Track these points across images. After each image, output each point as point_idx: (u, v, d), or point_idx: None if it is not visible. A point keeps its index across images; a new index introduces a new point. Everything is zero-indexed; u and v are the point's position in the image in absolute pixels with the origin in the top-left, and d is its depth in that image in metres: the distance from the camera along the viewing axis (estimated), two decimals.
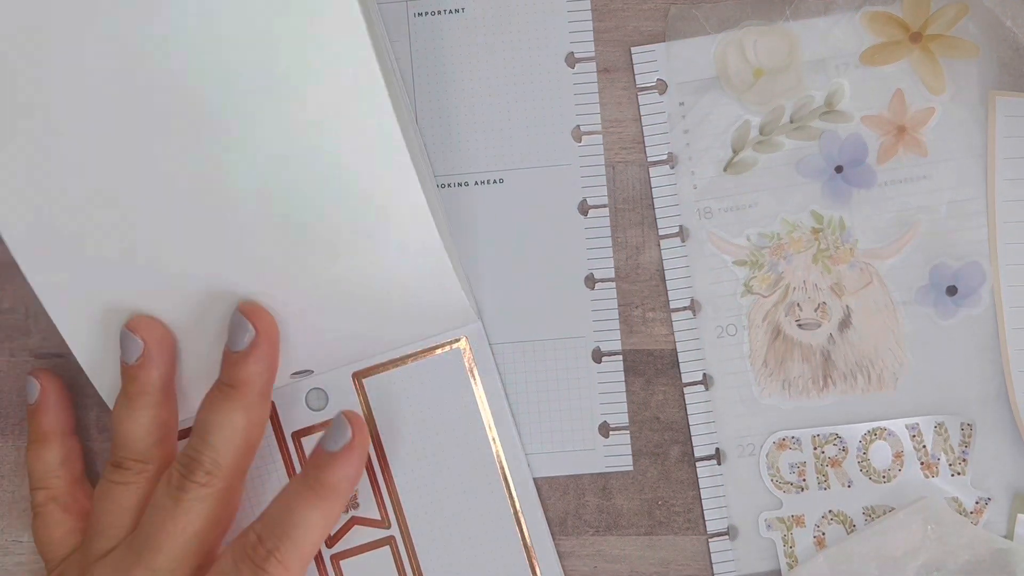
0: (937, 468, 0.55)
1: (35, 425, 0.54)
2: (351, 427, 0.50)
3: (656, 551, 0.56)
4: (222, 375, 0.50)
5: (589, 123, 0.57)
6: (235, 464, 0.50)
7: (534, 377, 0.56)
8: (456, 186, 0.57)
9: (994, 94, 0.54)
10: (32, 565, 0.57)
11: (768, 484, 0.55)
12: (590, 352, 0.56)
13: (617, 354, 0.56)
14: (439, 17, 0.57)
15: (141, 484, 0.50)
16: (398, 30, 0.57)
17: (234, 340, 0.50)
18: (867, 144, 0.55)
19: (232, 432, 0.49)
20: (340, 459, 0.49)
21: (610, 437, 0.56)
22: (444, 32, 0.57)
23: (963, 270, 0.55)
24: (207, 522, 0.49)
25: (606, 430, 0.56)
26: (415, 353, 0.55)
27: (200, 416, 0.50)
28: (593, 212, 0.56)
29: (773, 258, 0.56)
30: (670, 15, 0.56)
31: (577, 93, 0.57)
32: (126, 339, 0.51)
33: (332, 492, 0.49)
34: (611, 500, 0.56)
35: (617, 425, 0.56)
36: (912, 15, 0.55)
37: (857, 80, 0.55)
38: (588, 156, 0.57)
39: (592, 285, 0.56)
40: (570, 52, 0.57)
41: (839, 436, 0.55)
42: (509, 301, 0.56)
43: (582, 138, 0.57)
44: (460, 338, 0.55)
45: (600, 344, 0.56)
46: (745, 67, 0.56)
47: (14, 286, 0.57)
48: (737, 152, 0.56)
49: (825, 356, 0.55)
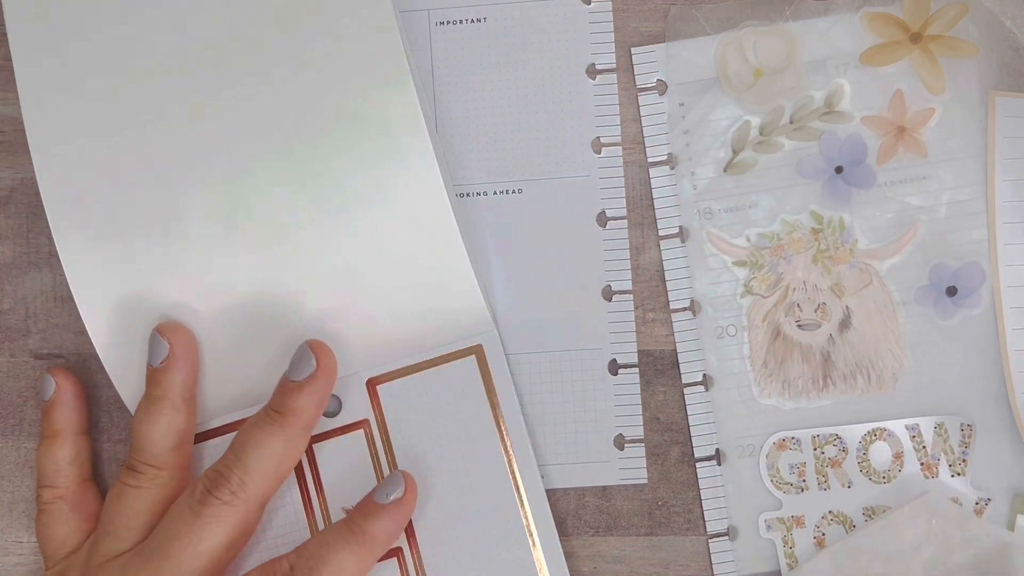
0: (937, 468, 0.55)
1: (48, 422, 0.54)
2: (404, 485, 0.51)
3: (656, 552, 0.56)
4: (272, 401, 0.50)
5: (609, 135, 0.57)
6: (261, 489, 0.49)
7: (550, 388, 0.56)
8: (476, 195, 0.57)
9: (994, 94, 0.54)
10: (32, 565, 0.57)
11: (768, 485, 0.55)
12: (607, 364, 0.56)
13: (634, 366, 0.56)
14: (461, 26, 0.57)
15: (153, 489, 0.50)
16: (420, 39, 0.57)
17: (295, 370, 0.50)
18: (867, 144, 0.55)
19: (267, 457, 0.49)
20: (387, 512, 0.50)
21: (625, 450, 0.56)
22: (465, 41, 0.57)
23: (963, 270, 0.55)
24: (221, 542, 0.49)
25: (621, 442, 0.56)
26: (430, 360, 0.54)
27: (239, 436, 0.50)
28: (612, 224, 0.56)
29: (773, 258, 0.56)
30: (670, 16, 0.56)
31: (598, 105, 0.57)
32: (154, 342, 0.51)
33: (372, 541, 0.50)
34: (611, 501, 0.56)
35: (633, 437, 0.56)
36: (912, 15, 0.55)
37: (857, 80, 0.55)
38: (607, 168, 0.56)
39: (609, 297, 0.56)
40: (591, 63, 0.57)
41: (839, 436, 0.55)
42: (526, 311, 0.56)
43: (602, 150, 0.57)
44: (476, 345, 0.54)
45: (617, 356, 0.56)
46: (745, 67, 0.56)
47: (14, 286, 0.57)
48: (737, 153, 0.56)
49: (825, 356, 0.55)
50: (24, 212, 0.57)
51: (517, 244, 0.56)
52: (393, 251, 0.52)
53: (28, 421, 0.57)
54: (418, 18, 0.57)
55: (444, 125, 0.57)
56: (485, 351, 0.54)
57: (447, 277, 0.52)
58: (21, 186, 0.58)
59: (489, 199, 0.57)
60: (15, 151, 0.57)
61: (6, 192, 0.58)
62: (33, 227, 0.57)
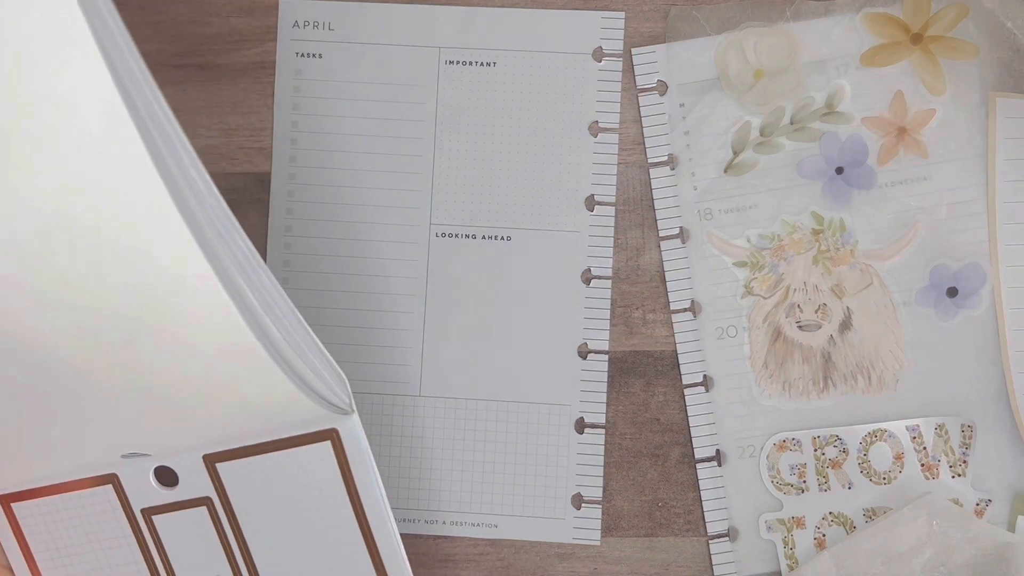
0: (937, 469, 0.55)
1: None
2: None
3: (656, 553, 0.56)
4: None
5: (604, 193, 0.57)
6: None
7: (514, 439, 0.56)
8: (464, 237, 0.57)
9: (994, 95, 0.54)
10: None
11: (768, 485, 0.55)
12: (573, 422, 0.56)
13: (600, 426, 0.56)
14: (469, 68, 0.57)
15: None
16: (427, 75, 0.57)
17: None
18: (867, 145, 0.55)
19: None
20: None
21: (582, 509, 0.56)
22: (472, 83, 0.57)
23: (963, 271, 0.55)
24: None
25: (579, 502, 0.56)
26: (277, 442, 0.50)
27: None
28: (596, 283, 0.56)
29: (773, 259, 0.56)
30: (670, 16, 0.56)
31: (596, 163, 0.57)
32: None
33: None
34: (611, 501, 0.56)
35: (590, 498, 0.56)
36: (912, 16, 0.55)
37: (857, 81, 0.55)
38: (598, 227, 0.57)
39: (585, 355, 0.56)
40: (595, 121, 0.57)
41: (839, 437, 0.55)
42: (501, 358, 0.56)
43: (595, 208, 0.57)
44: (330, 429, 0.50)
45: (584, 415, 0.56)
46: (745, 68, 0.56)
47: None
48: (737, 153, 0.56)
49: (825, 357, 0.55)
50: None
51: (500, 291, 0.56)
52: (175, 335, 0.45)
53: None
54: (428, 54, 0.57)
55: (441, 164, 0.57)
56: (340, 435, 0.50)
57: (250, 367, 0.46)
58: None
59: (477, 243, 0.57)
60: None
61: None
62: None
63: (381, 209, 0.57)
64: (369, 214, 0.57)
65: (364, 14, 0.57)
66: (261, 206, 0.57)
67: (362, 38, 0.57)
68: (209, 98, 0.57)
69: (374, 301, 0.57)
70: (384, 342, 0.57)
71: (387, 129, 0.57)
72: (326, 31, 0.57)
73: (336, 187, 0.57)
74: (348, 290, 0.57)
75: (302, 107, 0.57)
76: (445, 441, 0.57)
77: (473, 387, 0.56)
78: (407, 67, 0.57)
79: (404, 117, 0.57)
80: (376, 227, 0.57)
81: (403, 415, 0.57)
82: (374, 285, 0.57)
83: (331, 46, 0.57)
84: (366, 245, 0.57)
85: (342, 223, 0.57)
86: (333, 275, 0.57)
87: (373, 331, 0.57)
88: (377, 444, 0.57)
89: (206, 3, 0.57)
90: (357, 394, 0.56)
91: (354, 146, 0.57)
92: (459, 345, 0.56)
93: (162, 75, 0.57)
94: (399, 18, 0.57)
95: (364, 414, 0.57)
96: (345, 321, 0.57)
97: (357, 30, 0.57)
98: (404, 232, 0.57)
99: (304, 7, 0.57)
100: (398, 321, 0.57)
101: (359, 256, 0.57)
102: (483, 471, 0.56)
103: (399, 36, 0.57)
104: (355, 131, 0.57)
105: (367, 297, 0.57)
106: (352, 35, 0.57)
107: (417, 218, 0.57)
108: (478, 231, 0.57)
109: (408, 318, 0.57)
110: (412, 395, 0.57)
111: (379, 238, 0.57)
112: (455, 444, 0.56)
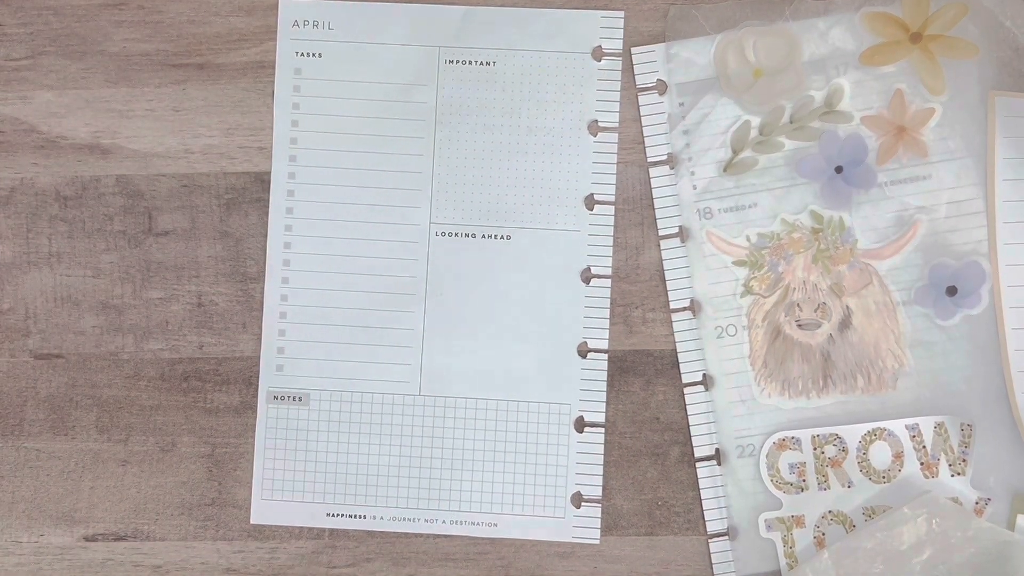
0: (937, 468, 0.55)
1: None
2: None
3: (656, 551, 0.56)
4: None
5: (603, 192, 0.57)
6: None
7: (513, 438, 0.56)
8: (464, 236, 0.57)
9: (994, 94, 0.54)
10: (31, 566, 0.57)
11: (768, 484, 0.55)
12: (573, 421, 0.56)
13: (600, 425, 0.56)
14: (469, 67, 0.57)
15: None
16: (427, 74, 0.57)
17: None
18: (867, 144, 0.55)
19: None
20: None
21: (582, 508, 0.56)
22: (472, 83, 0.57)
23: (963, 270, 0.55)
24: None
25: (578, 500, 0.56)
26: None
27: None
28: (596, 281, 0.56)
29: (773, 258, 0.56)
30: (670, 15, 0.56)
31: (596, 162, 0.57)
32: None
33: None
34: (611, 500, 0.56)
35: (590, 497, 0.56)
36: (912, 15, 0.55)
37: (857, 80, 0.55)
38: (598, 225, 0.57)
39: (584, 354, 0.56)
40: (594, 120, 0.57)
41: (839, 436, 0.55)
42: (501, 357, 0.56)
43: (595, 207, 0.57)
44: None
45: (584, 414, 0.56)
46: (745, 67, 0.56)
47: (14, 286, 0.57)
48: (737, 152, 0.56)
49: (825, 356, 0.55)
50: (24, 212, 0.57)
51: (500, 290, 0.56)
52: None
53: (28, 421, 0.57)
54: (428, 54, 0.57)
55: (441, 163, 0.57)
56: None
57: None
58: (21, 186, 0.58)
59: (477, 242, 0.57)
60: (15, 151, 0.57)
61: (6, 192, 0.58)
62: (33, 227, 0.57)
63: (381, 208, 0.57)
64: (369, 213, 0.57)
65: (364, 14, 0.57)
66: (261, 206, 0.57)
67: (362, 38, 0.57)
68: (209, 98, 0.57)
69: (374, 301, 0.57)
70: (384, 342, 0.57)
71: (387, 128, 0.57)
72: (326, 30, 0.57)
73: (336, 187, 0.57)
74: (348, 290, 0.57)
75: (302, 107, 0.57)
76: (445, 440, 0.57)
77: (473, 386, 0.56)
78: (407, 66, 0.57)
79: (404, 116, 0.57)
80: (376, 226, 0.57)
81: (403, 415, 0.57)
82: (374, 285, 0.57)
83: (331, 45, 0.57)
84: (366, 244, 0.57)
85: (342, 223, 0.57)
86: (333, 275, 0.57)
87: (373, 331, 0.57)
88: (377, 444, 0.57)
89: (206, 3, 0.57)
90: (357, 393, 0.57)
91: (354, 145, 0.57)
92: (459, 345, 0.56)
93: (162, 75, 0.57)
94: (399, 17, 0.57)
95: (364, 414, 0.57)
96: (345, 321, 0.57)
97: (357, 30, 0.57)
98: (404, 231, 0.57)
99: (304, 7, 0.57)
100: (398, 321, 0.57)
101: (359, 256, 0.57)
102: (483, 470, 0.56)
103: (399, 35, 0.57)
104: (355, 130, 0.57)
105: (367, 297, 0.57)
106: (352, 35, 0.57)
107: (417, 217, 0.57)
108: (478, 230, 0.57)
109: (408, 318, 0.57)
110: (412, 395, 0.57)
111: (379, 237, 0.57)
112: (455, 443, 0.57)
